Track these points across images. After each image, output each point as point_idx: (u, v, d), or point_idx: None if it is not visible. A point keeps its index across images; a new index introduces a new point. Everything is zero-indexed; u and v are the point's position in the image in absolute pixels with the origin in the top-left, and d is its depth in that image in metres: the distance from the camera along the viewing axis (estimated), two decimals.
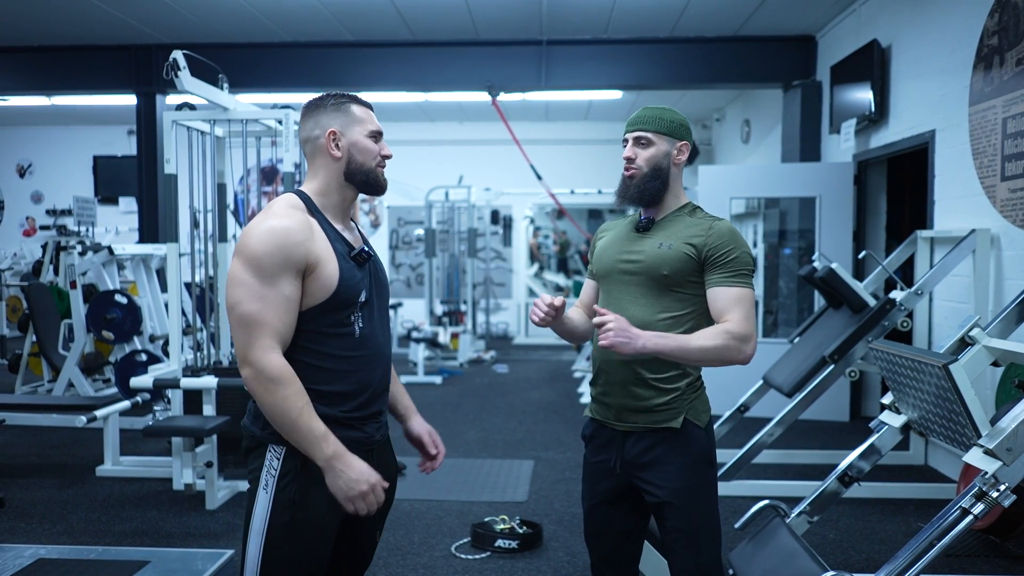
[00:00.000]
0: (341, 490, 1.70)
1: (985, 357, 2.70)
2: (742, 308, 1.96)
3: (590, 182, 10.77)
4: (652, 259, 2.03)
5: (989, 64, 4.18)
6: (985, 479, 2.22)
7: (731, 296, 1.97)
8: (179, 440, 4.15)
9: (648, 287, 2.04)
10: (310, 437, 1.68)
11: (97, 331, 5.97)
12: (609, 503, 2.13)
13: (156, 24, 6.71)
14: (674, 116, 2.09)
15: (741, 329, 1.93)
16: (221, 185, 4.71)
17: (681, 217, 2.08)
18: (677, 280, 2.01)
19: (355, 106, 1.85)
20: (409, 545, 3.59)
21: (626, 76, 7.30)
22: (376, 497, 1.74)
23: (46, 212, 11.94)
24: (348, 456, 1.71)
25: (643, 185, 2.06)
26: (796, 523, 2.92)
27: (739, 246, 2.00)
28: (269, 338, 1.68)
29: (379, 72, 7.27)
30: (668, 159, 2.07)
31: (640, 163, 2.06)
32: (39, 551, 3.02)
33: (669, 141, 2.07)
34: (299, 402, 1.68)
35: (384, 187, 1.89)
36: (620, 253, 2.10)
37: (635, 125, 2.09)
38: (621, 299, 2.07)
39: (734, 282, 1.98)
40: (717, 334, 1.93)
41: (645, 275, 2.03)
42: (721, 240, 2.00)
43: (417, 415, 2.08)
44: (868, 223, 6.04)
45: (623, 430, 2.07)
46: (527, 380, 7.99)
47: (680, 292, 2.02)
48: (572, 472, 4.72)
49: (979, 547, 3.48)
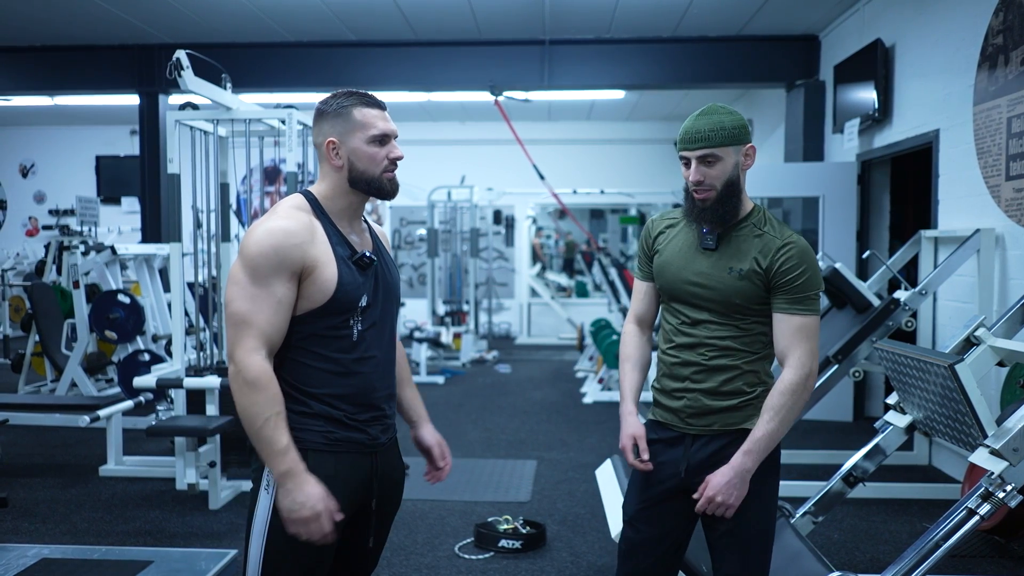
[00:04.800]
0: (285, 509, 1.67)
1: (990, 357, 2.69)
2: (806, 342, 1.88)
3: (592, 182, 10.77)
4: (724, 286, 1.92)
5: (994, 63, 4.17)
6: (991, 479, 2.22)
7: (792, 328, 1.89)
8: (182, 440, 4.15)
9: (722, 312, 1.94)
10: (269, 448, 1.66)
11: (100, 331, 5.97)
12: (658, 508, 2.01)
13: (159, 24, 6.71)
14: (735, 119, 1.90)
15: (803, 372, 1.87)
16: (224, 185, 4.70)
17: (749, 230, 1.94)
18: (751, 305, 1.93)
19: (357, 109, 1.77)
20: (413, 545, 3.58)
21: (629, 76, 7.29)
22: (321, 527, 1.66)
23: (49, 212, 11.93)
24: (302, 477, 1.66)
25: (721, 208, 1.90)
26: (801, 523, 2.91)
27: (809, 267, 1.89)
28: (254, 339, 1.67)
29: (382, 72, 7.27)
30: (738, 169, 1.91)
31: (712, 182, 1.89)
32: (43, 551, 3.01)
33: (735, 150, 1.90)
34: (268, 410, 1.65)
35: (392, 192, 1.82)
36: (687, 271, 1.96)
37: (698, 143, 1.88)
38: (693, 318, 1.97)
39: (796, 310, 1.89)
40: (784, 401, 1.87)
41: (719, 302, 1.93)
42: (789, 263, 1.88)
43: (429, 423, 2.06)
44: (872, 223, 6.03)
45: (692, 433, 1.98)
46: (530, 380, 7.98)
47: (756, 314, 1.94)
48: (575, 472, 4.72)
49: (984, 548, 3.47)
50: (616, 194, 10.71)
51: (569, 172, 10.84)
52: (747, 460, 1.87)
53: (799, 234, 1.96)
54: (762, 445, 1.88)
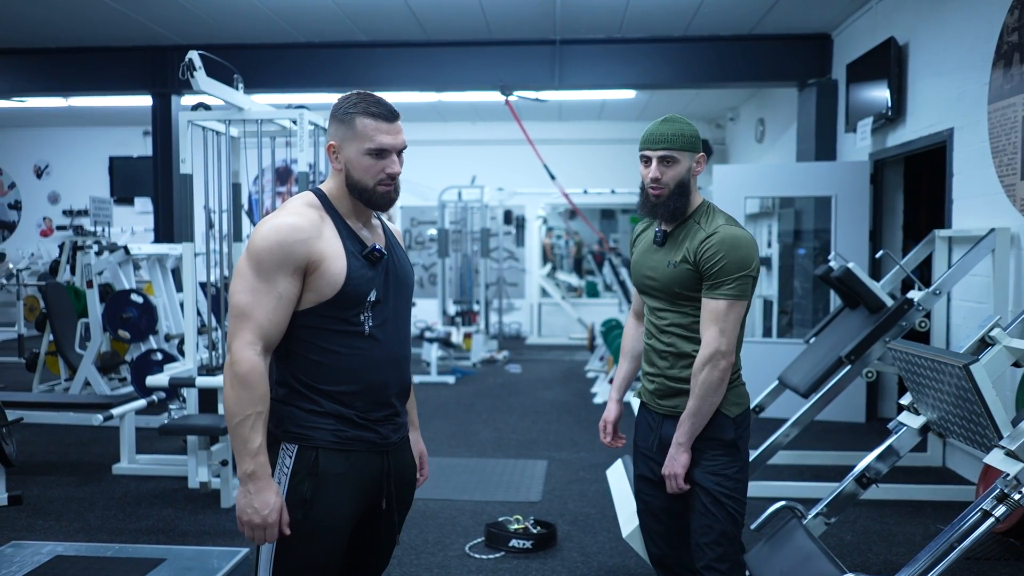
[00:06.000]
0: (239, 507, 1.70)
1: (1006, 357, 2.66)
2: (714, 324, 2.10)
3: (603, 182, 10.75)
4: (665, 277, 2.19)
5: (1009, 61, 4.14)
6: (1007, 481, 2.19)
7: (707, 311, 2.12)
8: (194, 438, 4.17)
9: (671, 300, 2.20)
10: (242, 446, 1.68)
11: (113, 330, 6.01)
12: (653, 481, 2.29)
13: (171, 25, 6.75)
14: (692, 130, 2.17)
15: (707, 351, 2.10)
16: (236, 185, 4.72)
17: (690, 226, 2.18)
18: (690, 293, 2.16)
19: (360, 119, 1.75)
20: (423, 544, 3.59)
21: (640, 75, 7.28)
22: (267, 535, 1.70)
23: (63, 212, 12.03)
24: (263, 482, 1.68)
25: (671, 204, 2.16)
26: (813, 525, 2.89)
27: (728, 253, 2.09)
28: (251, 333, 1.69)
29: (392, 72, 7.29)
30: (689, 173, 2.16)
31: (667, 181, 2.14)
32: (56, 548, 3.03)
33: (690, 156, 2.15)
34: (250, 408, 1.67)
35: (385, 205, 1.81)
36: (643, 267, 2.27)
37: (661, 144, 2.13)
38: (653, 307, 2.26)
39: (711, 294, 2.12)
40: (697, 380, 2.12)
41: (664, 292, 2.20)
42: (710, 251, 2.10)
43: (417, 431, 2.08)
44: (885, 223, 5.99)
45: (662, 413, 2.26)
46: (540, 380, 7.98)
47: (699, 302, 2.17)
48: (586, 472, 4.71)
49: (999, 550, 3.44)
50: (627, 194, 10.67)
51: (580, 172, 10.83)
52: (679, 435, 2.15)
53: (741, 226, 2.17)
54: (687, 421, 2.14)
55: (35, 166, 12.16)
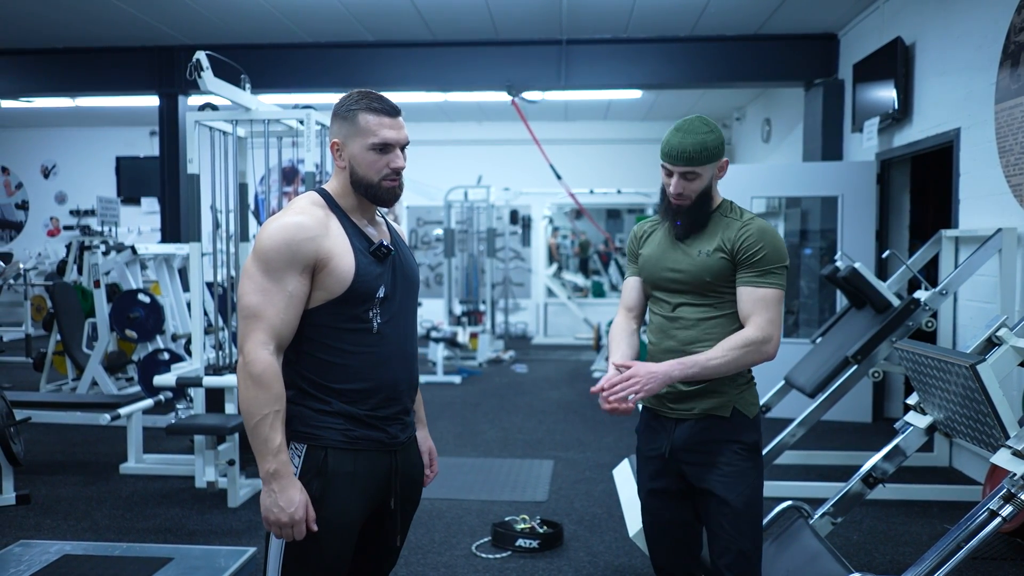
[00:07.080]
0: (264, 507, 1.70)
1: (1013, 357, 2.66)
2: (766, 311, 2.04)
3: (609, 182, 10.74)
4: (696, 268, 2.10)
5: (1016, 61, 4.12)
6: (1013, 481, 2.19)
7: (756, 297, 2.05)
8: (201, 438, 4.18)
9: (696, 293, 2.13)
10: (262, 446, 1.68)
11: (120, 330, 6.03)
12: (660, 492, 2.19)
13: (178, 26, 6.77)
14: (714, 138, 2.08)
15: (761, 334, 2.03)
16: (243, 185, 4.74)
17: (716, 219, 2.13)
18: (721, 283, 2.10)
19: (362, 115, 1.76)
20: (430, 544, 3.59)
21: (646, 75, 7.27)
22: (295, 533, 1.70)
23: (70, 212, 12.08)
24: (287, 480, 1.69)
25: (694, 215, 2.11)
26: (819, 524, 2.89)
27: (767, 243, 2.06)
28: (264, 333, 1.70)
29: (399, 72, 7.30)
30: (711, 180, 2.12)
31: (689, 194, 2.09)
32: (64, 547, 3.05)
33: (712, 166, 2.10)
34: (268, 408, 1.68)
35: (391, 200, 1.82)
36: (665, 262, 2.17)
37: (682, 162, 2.06)
38: (673, 303, 2.17)
39: (759, 282, 2.06)
40: (735, 346, 2.02)
41: (691, 283, 2.12)
42: (750, 240, 2.06)
43: (425, 428, 2.08)
44: (891, 222, 5.98)
45: (675, 417, 2.14)
46: (546, 380, 7.98)
47: (728, 293, 2.11)
48: (592, 472, 4.71)
49: (1006, 550, 3.43)
50: (633, 194, 10.67)
51: (586, 172, 10.83)
52: (674, 367, 2.01)
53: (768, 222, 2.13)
54: (697, 366, 2.01)
55: (42, 166, 12.22)
